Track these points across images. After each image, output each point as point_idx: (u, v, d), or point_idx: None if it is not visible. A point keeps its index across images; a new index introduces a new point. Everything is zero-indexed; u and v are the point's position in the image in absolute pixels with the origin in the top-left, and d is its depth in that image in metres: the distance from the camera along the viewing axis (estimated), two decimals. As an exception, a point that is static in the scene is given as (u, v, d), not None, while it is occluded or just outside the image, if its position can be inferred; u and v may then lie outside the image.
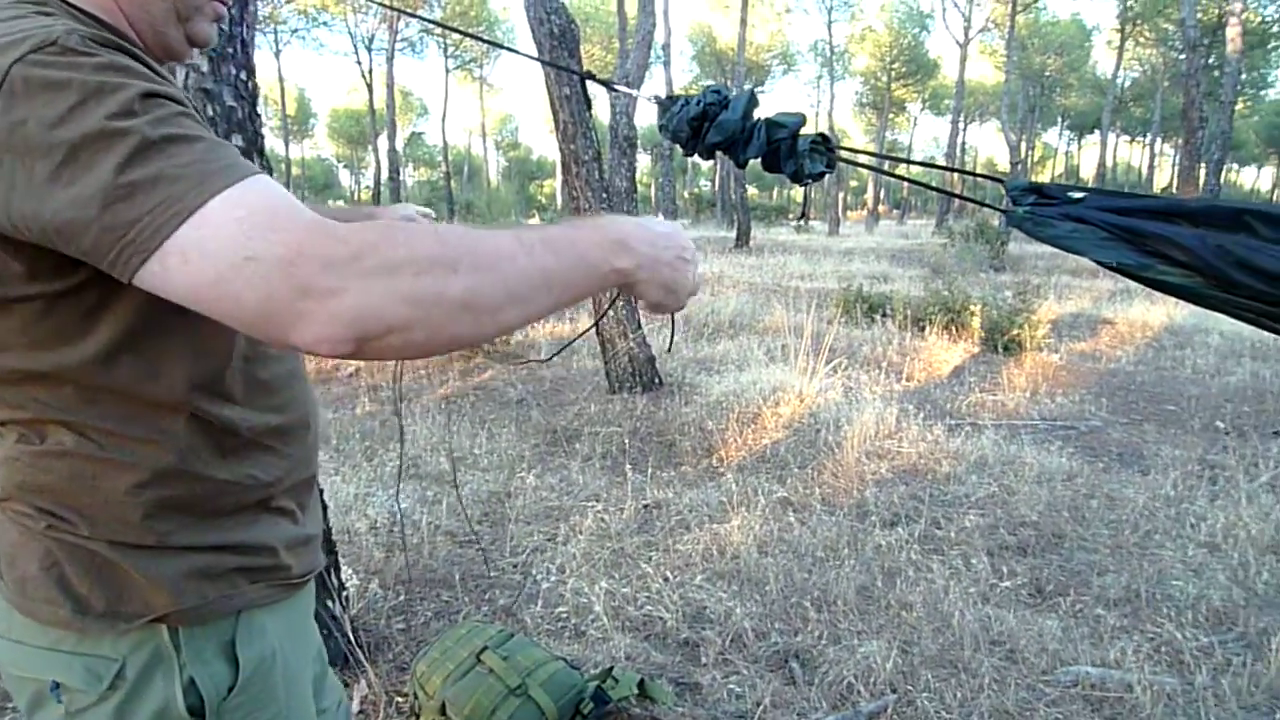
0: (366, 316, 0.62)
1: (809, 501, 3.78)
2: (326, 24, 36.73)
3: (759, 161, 2.05)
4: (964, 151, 46.92)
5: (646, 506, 3.72)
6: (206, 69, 1.98)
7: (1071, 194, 1.91)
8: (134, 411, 0.78)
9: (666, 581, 2.99)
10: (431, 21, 2.88)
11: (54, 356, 0.74)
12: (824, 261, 16.53)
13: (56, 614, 0.80)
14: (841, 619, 2.76)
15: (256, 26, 2.36)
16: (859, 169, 3.35)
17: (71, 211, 0.62)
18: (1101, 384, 6.36)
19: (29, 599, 0.81)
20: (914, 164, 2.99)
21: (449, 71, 42.32)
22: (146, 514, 0.80)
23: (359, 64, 37.09)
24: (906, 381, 6.19)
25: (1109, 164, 46.20)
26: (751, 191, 38.89)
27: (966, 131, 49.24)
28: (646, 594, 2.90)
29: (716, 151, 2.12)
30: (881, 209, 54.47)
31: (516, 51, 1.78)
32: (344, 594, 2.48)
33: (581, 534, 3.39)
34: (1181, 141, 15.81)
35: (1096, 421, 5.31)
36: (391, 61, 34.47)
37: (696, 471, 4.21)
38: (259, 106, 2.20)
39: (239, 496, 0.86)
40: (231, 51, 2.04)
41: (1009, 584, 3.03)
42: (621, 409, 5.23)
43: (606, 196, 5.69)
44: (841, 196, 42.13)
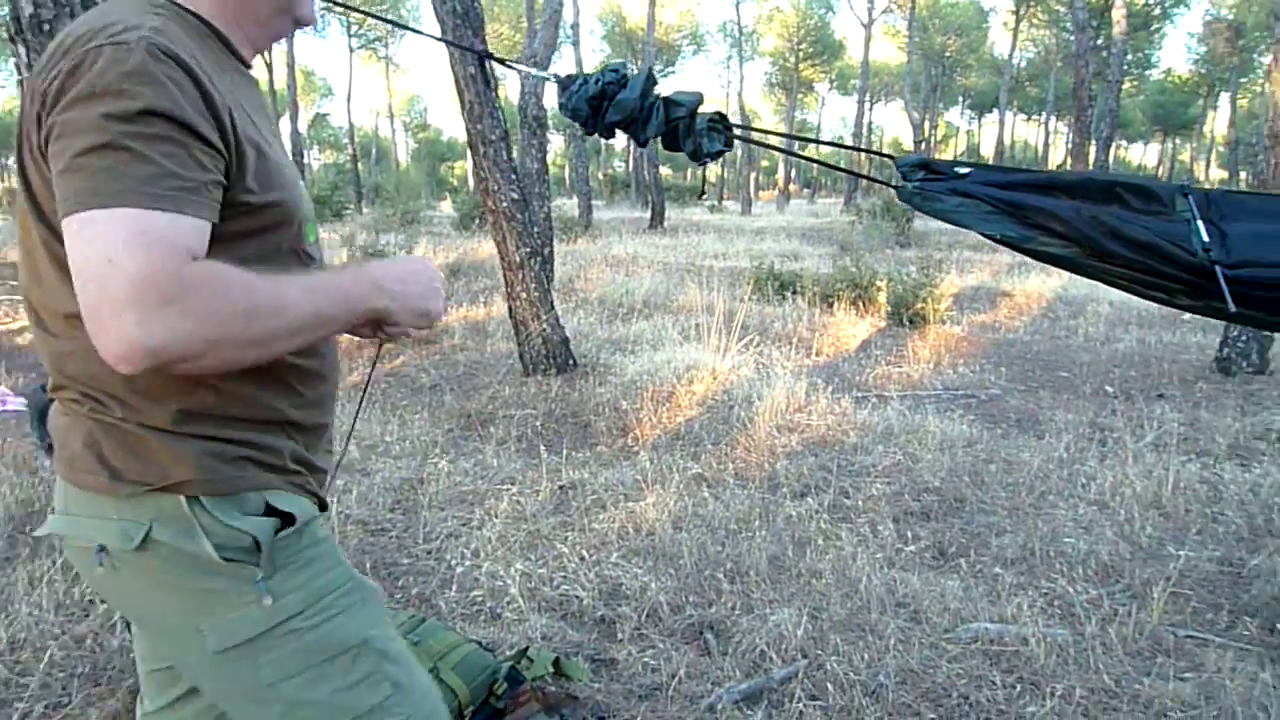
0: (166, 349, 0.80)
1: (722, 476, 3.83)
2: (220, 0, 35.02)
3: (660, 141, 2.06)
4: (871, 130, 48.04)
5: (562, 488, 3.72)
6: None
7: (958, 169, 1.97)
8: None
9: (582, 561, 3.00)
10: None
11: None
12: (737, 241, 16.72)
13: (96, 481, 0.96)
14: (754, 589, 2.82)
15: None
16: (768, 149, 3.41)
17: (51, 163, 0.84)
18: (1000, 353, 6.63)
19: (76, 471, 0.98)
20: (812, 142, 3.04)
21: (353, 51, 41.02)
22: (175, 406, 0.95)
23: (256, 42, 35.49)
24: (816, 356, 6.34)
25: (1007, 142, 47.96)
26: (665, 172, 39.07)
27: (873, 111, 50.39)
28: (563, 574, 2.90)
29: (617, 130, 2.12)
30: (792, 188, 55.37)
31: (416, 30, 1.74)
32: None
33: (497, 517, 3.36)
34: (1073, 119, 16.51)
35: (995, 390, 5.54)
36: (291, 40, 33.19)
37: (612, 451, 4.23)
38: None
39: (256, 413, 1.01)
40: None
41: (913, 548, 3.15)
42: (536, 391, 5.20)
43: (516, 178, 5.63)
44: (754, 176, 42.65)
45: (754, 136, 2.16)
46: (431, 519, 3.42)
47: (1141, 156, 70.12)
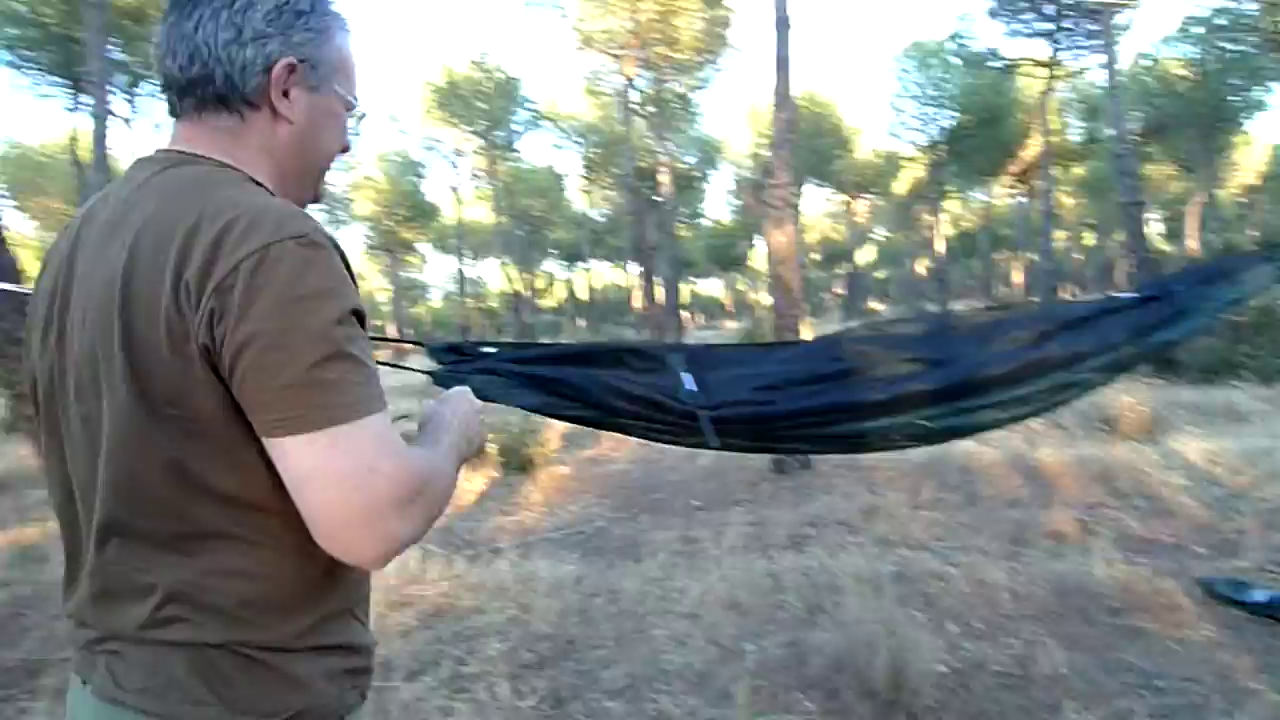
0: (414, 539, 0.89)
1: (334, 672, 3.59)
2: None
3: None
4: (475, 284, 50.21)
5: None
6: None
7: (485, 349, 2.17)
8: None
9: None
10: None
11: (233, 481, 0.88)
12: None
13: (200, 713, 0.89)
14: (368, 793, 2.64)
15: None
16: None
17: (262, 375, 0.81)
18: (605, 485, 7.14)
19: (170, 703, 0.89)
20: None
21: None
22: (309, 619, 0.94)
23: None
24: (433, 519, 6.28)
25: (599, 286, 52.97)
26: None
27: (476, 266, 52.90)
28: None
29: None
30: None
31: None
32: None
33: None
34: (641, 265, 18.84)
35: (601, 522, 5.92)
36: None
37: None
38: None
39: (343, 602, 1.01)
40: None
41: (530, 702, 3.19)
42: None
43: None
44: (365, 337, 41.86)
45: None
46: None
47: (708, 289, 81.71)
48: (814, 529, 5.31)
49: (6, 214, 30.91)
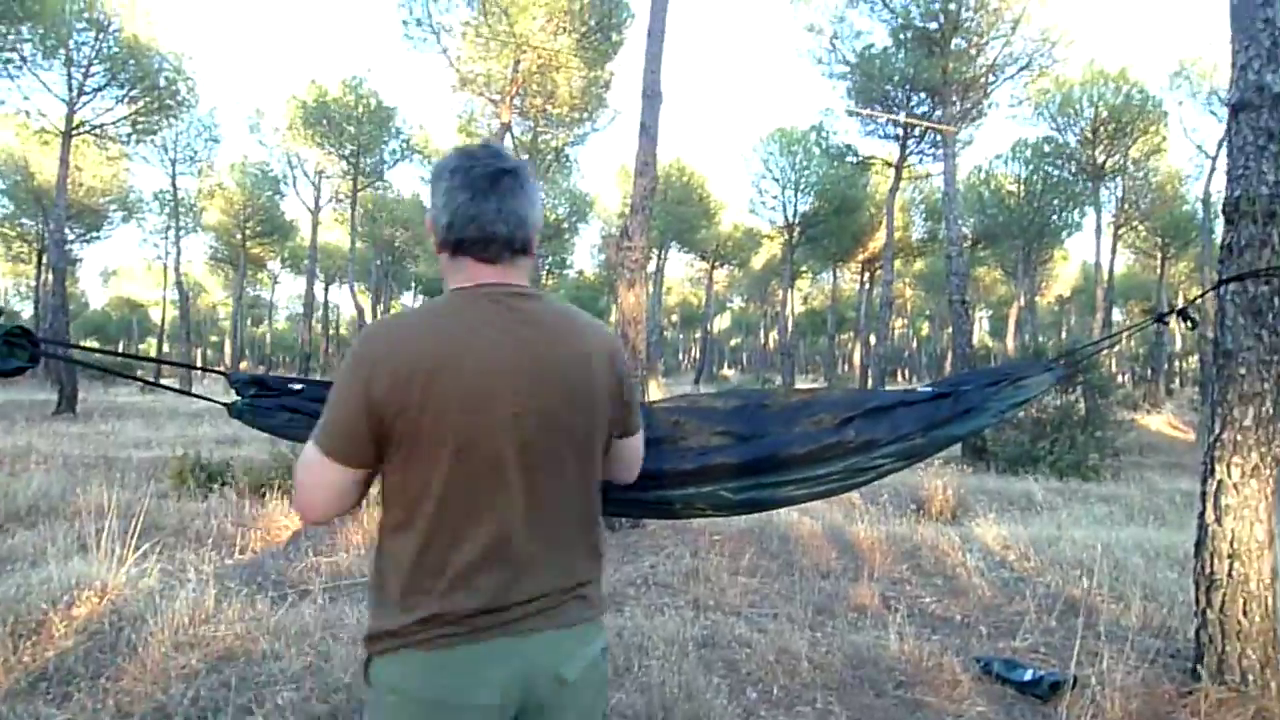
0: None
1: (99, 717, 3.29)
2: None
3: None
4: (326, 309, 48.21)
5: None
6: None
7: (292, 385, 2.11)
8: None
9: None
10: None
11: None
12: (168, 426, 15.16)
13: (598, 614, 1.65)
14: None
15: None
16: (87, 366, 3.19)
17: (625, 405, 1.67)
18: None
19: (597, 610, 1.66)
20: (148, 361, 2.99)
21: None
22: None
23: None
24: (240, 555, 5.91)
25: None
26: (94, 343, 33.76)
27: (328, 291, 50.86)
28: None
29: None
30: (244, 364, 52.47)
31: None
32: None
33: None
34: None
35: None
36: None
37: (-60, 712, 3.35)
38: None
39: None
40: None
41: (314, 757, 3.03)
42: None
43: None
44: (201, 352, 39.36)
45: (74, 355, 2.05)
46: None
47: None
48: (634, 589, 5.36)
49: None
